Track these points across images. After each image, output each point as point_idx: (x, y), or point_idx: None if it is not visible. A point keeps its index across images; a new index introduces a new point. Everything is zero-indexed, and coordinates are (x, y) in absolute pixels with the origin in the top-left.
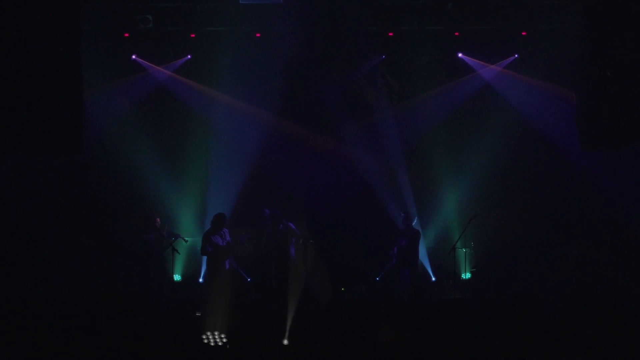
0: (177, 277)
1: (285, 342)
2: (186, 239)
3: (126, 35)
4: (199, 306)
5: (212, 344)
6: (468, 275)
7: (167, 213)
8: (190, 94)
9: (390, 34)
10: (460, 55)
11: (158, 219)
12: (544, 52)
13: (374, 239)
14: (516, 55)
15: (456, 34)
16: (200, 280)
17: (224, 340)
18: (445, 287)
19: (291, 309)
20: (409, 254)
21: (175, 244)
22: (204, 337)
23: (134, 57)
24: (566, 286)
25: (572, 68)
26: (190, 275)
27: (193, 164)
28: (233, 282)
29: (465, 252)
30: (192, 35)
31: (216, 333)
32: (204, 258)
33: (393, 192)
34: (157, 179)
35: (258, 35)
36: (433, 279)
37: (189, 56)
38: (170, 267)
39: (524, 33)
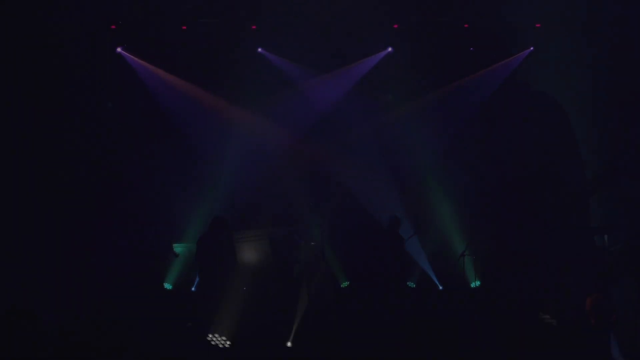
0: (167, 286)
1: (289, 344)
2: (177, 253)
3: (113, 27)
4: (190, 315)
5: (221, 346)
6: (478, 283)
7: (163, 215)
8: (178, 92)
9: (395, 25)
10: (472, 49)
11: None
12: (560, 44)
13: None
14: (532, 48)
15: (465, 25)
16: (193, 289)
17: (228, 343)
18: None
19: (295, 312)
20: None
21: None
22: (208, 338)
23: (118, 50)
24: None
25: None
26: (181, 283)
27: (187, 165)
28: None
29: (474, 259)
30: (184, 28)
31: (216, 335)
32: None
33: (398, 194)
34: (151, 179)
35: (254, 27)
36: (440, 287)
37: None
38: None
39: (538, 25)
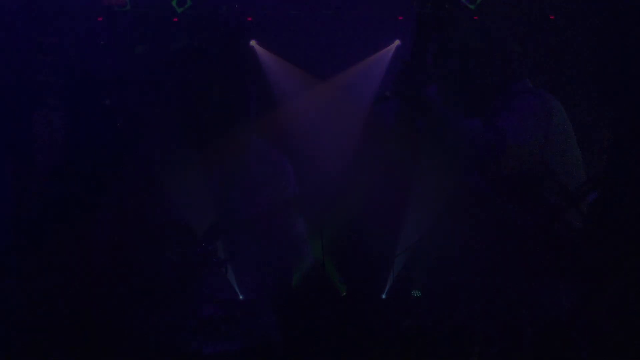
0: None
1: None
2: None
3: (100, 19)
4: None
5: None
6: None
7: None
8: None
9: (400, 17)
10: None
11: None
12: (573, 37)
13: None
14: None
15: (475, 17)
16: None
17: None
18: None
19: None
20: None
21: None
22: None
23: (102, 43)
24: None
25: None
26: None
27: (178, 166)
28: None
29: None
30: (175, 20)
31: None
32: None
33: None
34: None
35: (249, 19)
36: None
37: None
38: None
39: (552, 17)
